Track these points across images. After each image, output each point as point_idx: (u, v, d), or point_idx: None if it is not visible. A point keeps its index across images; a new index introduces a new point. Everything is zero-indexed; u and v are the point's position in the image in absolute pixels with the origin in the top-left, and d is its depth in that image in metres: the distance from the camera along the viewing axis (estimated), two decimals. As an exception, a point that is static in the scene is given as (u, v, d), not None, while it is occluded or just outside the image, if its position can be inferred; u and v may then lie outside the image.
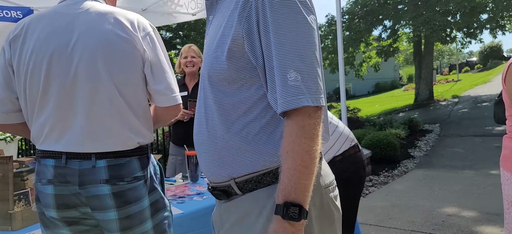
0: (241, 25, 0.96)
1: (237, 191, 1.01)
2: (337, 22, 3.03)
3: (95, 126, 1.30)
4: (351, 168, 2.03)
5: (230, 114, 0.99)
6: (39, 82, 1.30)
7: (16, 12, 3.51)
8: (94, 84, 1.29)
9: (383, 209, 4.43)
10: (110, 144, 1.32)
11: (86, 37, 1.31)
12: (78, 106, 1.30)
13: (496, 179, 5.41)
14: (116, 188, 1.30)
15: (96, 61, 1.29)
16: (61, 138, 1.30)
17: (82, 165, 1.29)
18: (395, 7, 14.16)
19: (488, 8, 13.04)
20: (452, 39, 14.43)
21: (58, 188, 1.30)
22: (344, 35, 14.36)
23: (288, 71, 0.90)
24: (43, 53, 1.30)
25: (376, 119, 10.01)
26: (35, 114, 1.33)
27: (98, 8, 1.36)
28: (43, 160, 1.33)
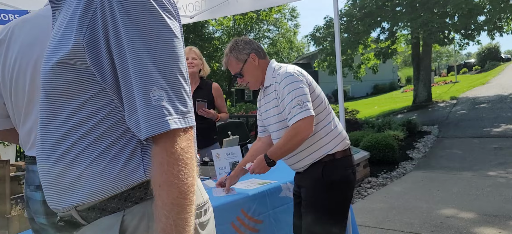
0: (82, 33, 0.79)
1: (81, 221, 0.88)
2: (335, 24, 3.03)
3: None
4: (340, 171, 2.01)
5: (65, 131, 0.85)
6: (24, 89, 1.28)
7: (14, 16, 3.50)
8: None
9: (381, 211, 4.43)
10: None
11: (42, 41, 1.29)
12: (35, 112, 1.29)
13: (494, 180, 5.42)
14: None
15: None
16: (30, 141, 1.31)
17: None
18: (393, 9, 14.20)
19: (485, 9, 13.09)
20: (450, 40, 14.47)
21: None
22: (342, 37, 14.39)
23: (150, 89, 0.76)
24: (27, 59, 1.27)
25: (375, 120, 10.03)
26: (21, 120, 1.32)
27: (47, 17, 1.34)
28: (31, 166, 1.32)
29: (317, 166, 2.01)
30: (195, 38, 21.91)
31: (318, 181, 1.99)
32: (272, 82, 2.06)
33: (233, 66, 2.13)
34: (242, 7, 3.68)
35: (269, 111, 2.11)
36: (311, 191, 2.02)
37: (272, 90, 2.05)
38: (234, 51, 2.11)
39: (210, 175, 2.73)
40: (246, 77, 2.13)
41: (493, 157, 6.84)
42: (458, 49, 16.56)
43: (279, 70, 2.05)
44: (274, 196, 2.35)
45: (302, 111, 1.88)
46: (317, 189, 1.99)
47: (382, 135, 7.16)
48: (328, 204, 1.98)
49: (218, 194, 2.22)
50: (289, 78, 1.95)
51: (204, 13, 3.80)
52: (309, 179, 2.03)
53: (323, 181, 1.98)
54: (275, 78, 2.04)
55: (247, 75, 2.12)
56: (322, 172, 1.99)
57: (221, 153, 2.73)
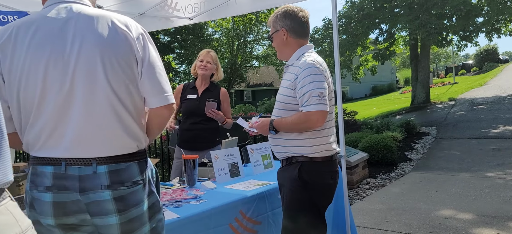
0: None
1: None
2: (333, 25, 3.04)
3: (94, 131, 1.29)
4: (316, 174, 2.01)
5: None
6: (35, 89, 1.27)
7: (14, 17, 3.50)
8: (92, 89, 1.29)
9: (380, 212, 4.44)
10: (112, 149, 1.31)
11: (82, 41, 1.29)
12: (77, 111, 1.28)
13: (492, 181, 5.44)
14: (117, 193, 1.30)
15: (94, 65, 1.28)
16: (60, 144, 1.28)
17: (82, 171, 1.28)
18: (392, 10, 14.23)
19: (483, 11, 13.13)
20: (448, 42, 14.51)
21: (57, 195, 1.27)
22: (341, 38, 14.41)
23: None
24: (38, 59, 1.27)
25: (373, 122, 10.04)
26: (30, 121, 1.30)
27: (88, 12, 1.35)
28: (40, 167, 1.30)
29: (295, 166, 2.03)
30: (195, 39, 21.91)
31: (295, 181, 2.00)
32: (295, 64, 2.07)
33: (271, 27, 2.20)
34: (241, 8, 3.68)
35: (280, 89, 2.14)
36: (288, 190, 2.03)
37: (293, 72, 2.05)
38: (275, 15, 2.16)
39: (209, 176, 2.74)
40: (274, 43, 2.21)
41: (491, 158, 6.85)
42: (456, 50, 16.57)
43: (308, 57, 2.05)
44: (273, 197, 2.36)
45: (320, 104, 1.92)
46: (294, 189, 2.01)
47: (381, 136, 7.17)
48: (304, 204, 1.99)
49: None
50: (315, 69, 1.97)
51: (203, 15, 3.81)
52: (287, 179, 2.05)
53: (299, 182, 2.00)
54: (300, 61, 2.05)
55: (275, 43, 2.20)
56: (298, 172, 2.00)
57: (220, 154, 2.73)
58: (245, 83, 33.61)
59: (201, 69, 3.25)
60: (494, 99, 15.16)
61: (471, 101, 15.46)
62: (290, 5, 2.17)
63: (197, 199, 2.17)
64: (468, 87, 21.54)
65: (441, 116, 12.71)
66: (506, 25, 14.37)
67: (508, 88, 17.79)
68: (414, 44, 15.34)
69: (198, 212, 1.94)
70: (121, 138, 1.33)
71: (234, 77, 27.04)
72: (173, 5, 3.84)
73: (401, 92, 28.24)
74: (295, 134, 2.03)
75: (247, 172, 2.87)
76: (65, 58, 1.28)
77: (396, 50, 16.46)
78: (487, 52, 39.50)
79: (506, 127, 9.77)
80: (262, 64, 28.94)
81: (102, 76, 1.29)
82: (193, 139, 3.23)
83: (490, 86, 19.94)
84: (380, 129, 8.78)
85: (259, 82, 35.86)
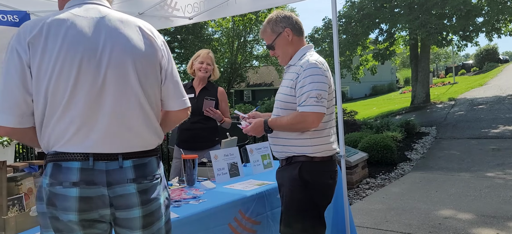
0: None
1: None
2: (333, 25, 3.04)
3: (122, 127, 1.35)
4: (317, 173, 2.02)
5: None
6: (67, 84, 1.29)
7: (13, 16, 3.50)
8: (123, 87, 1.35)
9: (379, 212, 4.44)
10: (137, 145, 1.39)
11: (114, 42, 1.36)
12: (107, 107, 1.33)
13: (492, 181, 5.44)
14: (141, 186, 1.37)
15: (125, 65, 1.36)
16: (88, 139, 1.31)
17: (109, 166, 1.33)
18: (392, 10, 14.23)
19: (483, 11, 13.12)
20: (448, 42, 14.51)
21: (84, 190, 1.29)
22: (341, 38, 14.41)
23: None
24: (72, 55, 1.29)
25: (373, 121, 10.04)
26: (56, 116, 1.31)
27: (116, 15, 1.42)
28: (65, 163, 1.30)
29: (295, 166, 2.02)
30: (194, 39, 21.92)
31: (295, 180, 2.00)
32: (297, 63, 2.07)
33: (268, 37, 2.16)
34: (241, 8, 3.68)
35: (281, 88, 2.13)
36: (288, 190, 2.03)
37: (294, 71, 2.05)
38: (271, 22, 2.14)
39: (209, 176, 2.74)
40: (277, 51, 2.16)
41: (491, 158, 6.85)
42: (456, 50, 16.57)
43: (310, 56, 2.05)
44: (272, 197, 2.36)
45: (317, 105, 1.92)
46: (294, 188, 2.01)
47: (381, 136, 7.17)
48: (305, 203, 1.99)
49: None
50: (317, 70, 1.97)
51: (203, 14, 3.80)
52: (287, 178, 2.05)
53: (299, 181, 1.99)
54: (302, 60, 2.05)
55: (278, 48, 2.15)
56: (299, 172, 2.00)
57: (220, 154, 2.73)
58: (245, 83, 33.62)
59: (201, 71, 3.24)
60: (494, 99, 15.16)
61: (471, 101, 15.46)
62: (278, 10, 2.20)
63: (196, 198, 2.17)
64: (468, 87, 21.54)
65: (441, 116, 12.71)
66: (506, 25, 14.36)
67: (508, 88, 17.79)
68: (414, 44, 15.34)
69: (197, 212, 1.94)
70: (147, 135, 1.42)
71: (234, 77, 27.05)
72: (173, 4, 3.84)
73: (401, 92, 28.24)
74: (296, 134, 2.02)
75: (247, 172, 2.87)
76: (98, 56, 1.33)
77: (396, 50, 16.46)
78: (487, 52, 39.49)
79: (506, 127, 9.77)
80: (262, 63, 28.95)
81: (133, 77, 1.37)
82: (192, 139, 3.22)
83: (490, 86, 19.94)
84: (380, 129, 8.78)
85: (259, 81, 35.87)
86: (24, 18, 3.53)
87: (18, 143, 6.43)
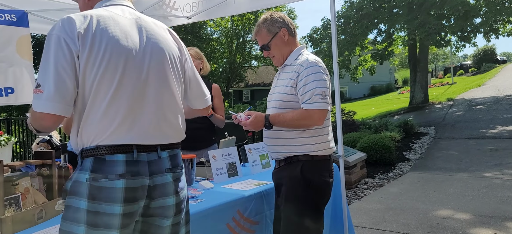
0: None
1: None
2: (331, 26, 3.04)
3: (163, 119, 1.46)
4: (318, 172, 2.03)
5: None
6: (114, 77, 1.33)
7: (11, 15, 3.50)
8: (163, 82, 1.47)
9: (378, 212, 4.44)
10: (172, 136, 1.50)
11: (153, 41, 1.46)
12: (150, 101, 1.42)
13: (490, 181, 5.45)
14: (175, 175, 1.48)
15: (163, 62, 1.48)
16: (132, 131, 1.36)
17: (150, 157, 1.40)
18: (390, 10, 14.24)
19: (481, 12, 13.14)
20: (446, 42, 14.52)
21: (130, 181, 1.33)
22: (339, 38, 14.41)
23: None
24: (118, 52, 1.35)
25: (372, 122, 10.05)
26: (101, 110, 1.32)
27: (146, 17, 1.53)
28: (109, 156, 1.33)
29: (296, 165, 2.02)
30: (193, 39, 21.89)
31: (297, 179, 2.00)
32: (294, 63, 2.08)
33: (263, 37, 2.14)
34: (240, 8, 3.67)
35: (278, 87, 2.12)
36: (290, 188, 2.03)
37: (292, 70, 2.05)
38: (266, 22, 2.13)
39: (207, 176, 2.73)
40: (272, 51, 2.15)
41: (489, 158, 6.87)
42: (454, 51, 16.61)
43: (308, 56, 2.07)
44: (270, 197, 2.35)
45: (322, 102, 1.94)
46: (296, 187, 2.01)
47: (379, 136, 7.18)
48: (306, 202, 2.00)
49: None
50: (317, 68, 2.00)
51: (202, 14, 3.80)
52: (287, 178, 2.05)
53: (302, 180, 2.00)
54: (299, 60, 2.06)
55: (274, 48, 2.14)
56: (301, 171, 2.01)
57: (218, 153, 2.73)
58: (243, 82, 33.60)
59: None
60: (492, 100, 15.20)
61: (469, 102, 15.49)
62: (271, 11, 2.20)
63: (194, 198, 2.16)
64: (466, 87, 21.59)
65: (439, 116, 12.73)
66: (504, 26, 14.39)
67: (506, 89, 17.84)
68: (412, 44, 15.36)
69: (195, 212, 1.93)
70: (180, 128, 1.55)
71: (233, 77, 27.03)
72: (171, 4, 3.83)
73: (399, 92, 28.28)
74: (297, 133, 2.03)
75: (245, 172, 2.87)
76: (141, 53, 1.41)
77: (394, 50, 16.47)
78: (485, 52, 39.58)
79: (503, 128, 9.80)
80: (261, 63, 28.94)
81: (170, 73, 1.49)
82: (188, 139, 3.17)
83: (488, 87, 19.99)
84: (378, 129, 8.79)
85: (257, 81, 35.85)
86: (22, 17, 3.52)
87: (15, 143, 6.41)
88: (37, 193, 1.83)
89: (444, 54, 52.87)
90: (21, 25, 3.50)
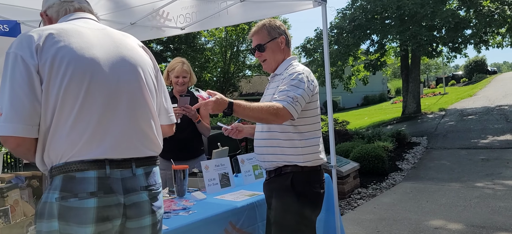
0: None
1: None
2: (323, 36, 3.08)
3: (135, 130, 1.39)
4: (309, 184, 2.02)
5: None
6: (80, 89, 1.27)
7: (3, 26, 3.48)
8: (135, 93, 1.41)
9: (371, 222, 4.44)
10: (148, 149, 1.43)
11: (122, 49, 1.41)
12: (121, 111, 1.36)
13: (481, 191, 5.49)
14: (151, 194, 1.41)
15: (134, 71, 1.42)
16: (103, 143, 1.29)
17: (123, 174, 1.33)
18: (382, 22, 14.41)
19: (471, 24, 13.36)
20: (438, 53, 14.71)
21: (103, 199, 1.26)
22: (333, 49, 14.53)
23: None
24: (84, 62, 1.29)
25: (365, 131, 10.09)
26: (69, 123, 1.26)
27: (111, 29, 1.48)
28: (80, 173, 1.26)
29: (286, 177, 2.02)
30: (187, 48, 21.91)
31: (287, 191, 1.99)
32: (284, 73, 2.09)
33: (261, 37, 2.14)
34: (233, 19, 3.70)
35: (267, 96, 2.13)
36: (280, 201, 2.01)
37: (281, 79, 2.07)
38: (268, 25, 2.14)
39: (199, 187, 2.72)
40: (266, 53, 2.15)
41: (480, 168, 6.92)
42: (446, 61, 16.82)
43: (297, 67, 2.08)
44: (263, 207, 2.35)
45: (290, 104, 1.90)
46: (286, 199, 1.99)
47: (372, 146, 7.21)
48: (297, 214, 1.98)
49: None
50: (300, 77, 2.00)
51: (195, 25, 3.82)
52: (278, 189, 2.04)
53: (292, 192, 1.98)
54: (288, 70, 2.08)
55: (269, 51, 2.14)
56: (291, 183, 2.00)
57: (210, 164, 2.72)
58: (237, 92, 33.61)
59: (179, 85, 3.13)
60: (483, 110, 15.37)
61: (461, 112, 15.65)
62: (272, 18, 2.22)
63: (186, 210, 2.15)
64: (458, 97, 21.82)
65: (431, 126, 12.83)
66: (493, 37, 14.63)
67: (496, 99, 18.06)
68: (404, 55, 15.53)
69: (187, 223, 1.92)
70: (155, 139, 1.47)
71: (227, 86, 27.05)
72: (165, 15, 3.85)
73: (392, 102, 28.48)
74: (287, 142, 2.01)
75: (238, 182, 2.86)
76: (109, 62, 1.35)
77: (387, 60, 16.63)
78: (476, 63, 40.11)
79: (494, 138, 9.90)
80: (255, 73, 29.03)
81: (142, 82, 1.44)
82: (175, 149, 3.10)
83: (479, 97, 20.23)
84: (371, 139, 8.83)
85: (251, 91, 35.90)
86: (15, 28, 3.50)
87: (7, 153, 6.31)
88: (27, 205, 1.81)
89: (436, 65, 53.48)
90: (14, 36, 3.48)
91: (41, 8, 1.52)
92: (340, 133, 9.27)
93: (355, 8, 15.10)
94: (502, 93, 19.92)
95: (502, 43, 14.72)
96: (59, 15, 1.47)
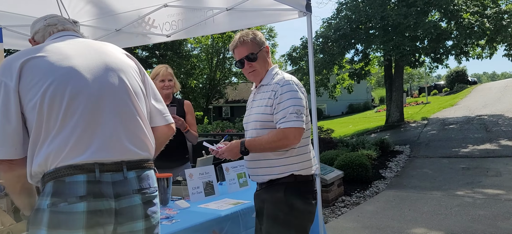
0: None
1: None
2: (308, 45, 3.12)
3: (124, 131, 1.38)
4: (302, 195, 2.01)
5: None
6: (63, 96, 1.30)
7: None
8: (120, 95, 1.41)
9: (354, 231, 4.48)
10: (138, 150, 1.41)
11: (104, 56, 1.44)
12: (108, 113, 1.36)
13: (462, 200, 5.61)
14: (145, 198, 1.39)
15: (118, 76, 1.43)
16: (91, 145, 1.29)
17: (114, 177, 1.32)
18: (367, 32, 14.67)
19: (453, 35, 13.73)
20: (420, 63, 15.05)
21: (93, 203, 1.25)
22: (318, 57, 14.70)
23: None
24: (64, 71, 1.33)
25: (349, 140, 10.20)
26: (55, 129, 1.29)
27: (91, 41, 1.53)
28: (69, 178, 1.26)
29: (278, 187, 1.99)
30: (173, 55, 21.82)
31: (280, 202, 1.97)
32: (271, 82, 2.07)
33: (249, 47, 2.09)
34: (219, 27, 3.71)
35: (255, 108, 2.10)
36: (272, 212, 1.98)
37: (269, 90, 2.04)
38: (253, 35, 2.11)
39: (183, 195, 2.70)
40: (258, 62, 2.11)
41: (461, 177, 7.08)
42: (428, 71, 17.21)
43: (283, 74, 2.08)
44: (247, 216, 2.35)
45: (297, 121, 1.91)
46: (279, 210, 1.97)
47: (356, 155, 7.29)
48: (289, 226, 1.96)
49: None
50: (293, 86, 1.99)
51: (181, 33, 3.81)
52: (270, 200, 2.00)
53: (285, 203, 1.96)
54: (275, 79, 2.06)
55: (260, 61, 2.11)
56: (284, 193, 1.97)
57: (195, 172, 2.71)
58: (223, 99, 33.59)
59: (165, 89, 3.11)
60: (464, 119, 15.74)
61: (443, 121, 15.99)
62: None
63: (169, 219, 2.13)
64: (440, 107, 22.30)
65: (414, 135, 13.06)
66: (474, 49, 15.07)
67: (476, 109, 18.54)
68: (388, 64, 15.83)
69: (170, 233, 1.90)
70: (147, 140, 1.47)
71: (213, 93, 27.02)
72: (151, 22, 3.84)
73: (376, 111, 28.90)
74: (280, 153, 1.99)
75: (222, 191, 2.85)
76: (90, 68, 1.38)
77: (371, 70, 16.91)
78: (457, 73, 41.11)
79: (474, 147, 10.14)
80: (241, 80, 29.08)
81: (127, 85, 1.44)
82: (159, 157, 3.09)
83: (460, 107, 20.72)
84: (355, 147, 8.93)
85: (237, 98, 35.91)
86: (-3, 32, 3.43)
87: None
88: (5, 214, 1.76)
89: (419, 74, 54.63)
90: (-4, 40, 3.42)
91: (30, 35, 1.59)
92: (325, 141, 9.35)
93: (340, 17, 15.35)
94: (482, 103, 20.47)
95: (481, 54, 15.20)
96: (45, 39, 1.52)
